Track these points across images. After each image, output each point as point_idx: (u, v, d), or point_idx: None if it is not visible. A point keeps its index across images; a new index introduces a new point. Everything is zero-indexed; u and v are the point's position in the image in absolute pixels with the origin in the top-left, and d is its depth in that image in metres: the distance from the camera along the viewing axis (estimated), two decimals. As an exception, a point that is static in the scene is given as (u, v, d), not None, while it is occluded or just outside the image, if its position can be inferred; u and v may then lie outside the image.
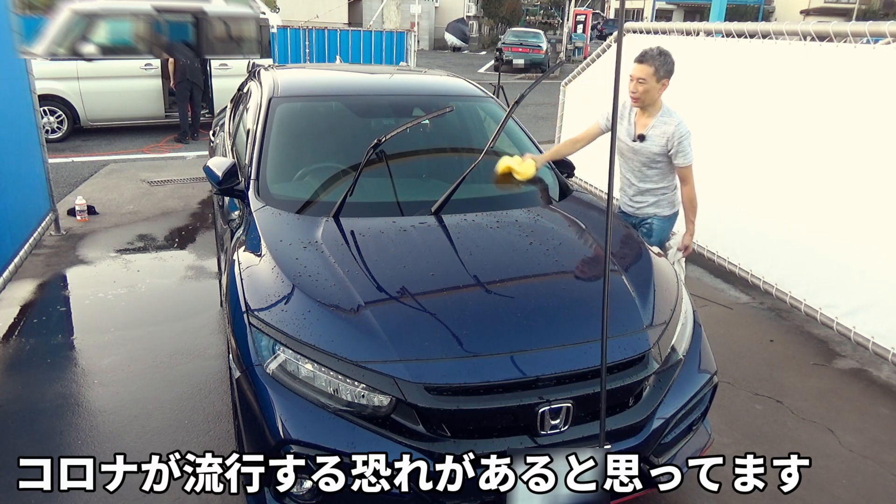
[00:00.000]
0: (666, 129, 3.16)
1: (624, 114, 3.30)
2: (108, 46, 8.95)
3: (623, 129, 3.28)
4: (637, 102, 3.16)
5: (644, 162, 3.26)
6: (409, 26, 18.07)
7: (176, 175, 7.33)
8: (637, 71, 3.10)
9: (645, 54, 3.09)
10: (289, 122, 3.35)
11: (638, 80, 3.10)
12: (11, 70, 4.48)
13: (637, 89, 3.11)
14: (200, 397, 3.21)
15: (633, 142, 3.23)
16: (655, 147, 3.20)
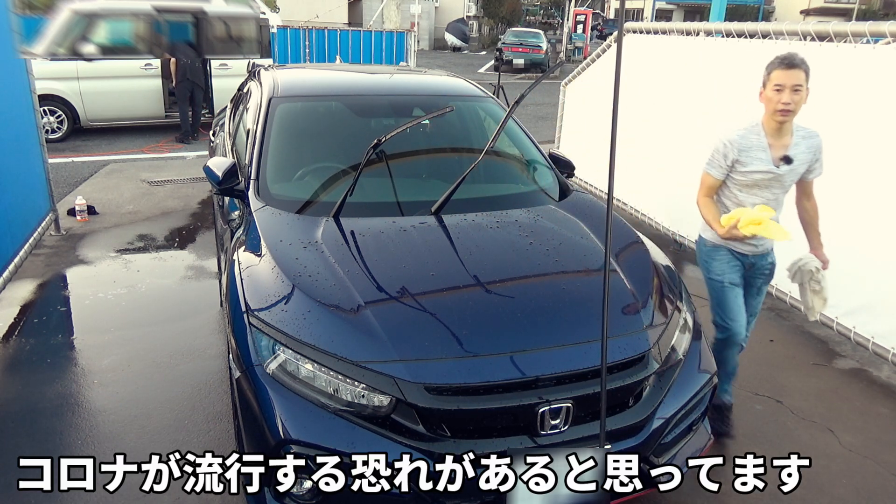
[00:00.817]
0: (813, 141, 2.78)
1: (749, 142, 2.74)
2: (108, 46, 8.95)
3: (754, 158, 2.73)
4: (788, 116, 2.65)
5: (785, 188, 2.83)
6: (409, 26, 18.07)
7: (176, 175, 7.33)
8: (790, 78, 2.61)
9: (794, 58, 2.62)
10: (289, 122, 3.35)
11: (793, 89, 2.61)
12: (11, 70, 4.48)
13: (793, 100, 2.61)
14: (200, 397, 3.21)
15: (779, 167, 2.72)
16: (803, 166, 2.79)
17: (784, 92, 2.60)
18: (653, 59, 5.58)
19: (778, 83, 2.61)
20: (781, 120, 2.65)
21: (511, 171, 3.56)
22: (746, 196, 2.81)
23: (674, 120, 5.30)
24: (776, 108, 2.63)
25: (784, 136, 2.72)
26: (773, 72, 2.62)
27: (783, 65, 2.60)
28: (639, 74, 5.61)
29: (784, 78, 2.60)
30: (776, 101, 2.62)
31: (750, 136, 2.74)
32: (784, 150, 2.72)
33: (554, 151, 3.76)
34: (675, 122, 5.29)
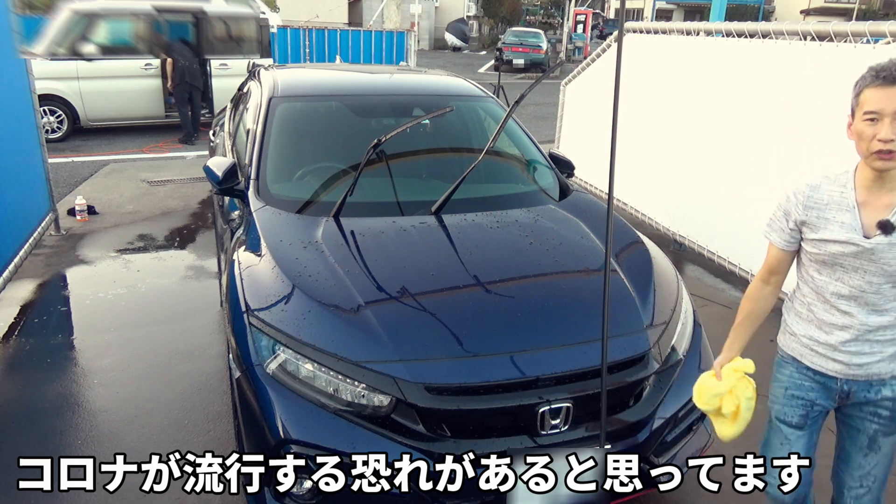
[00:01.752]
0: None
1: (825, 195, 1.84)
2: (108, 46, 8.96)
3: (830, 220, 1.81)
4: (892, 160, 1.66)
5: (889, 273, 1.76)
6: (409, 26, 18.07)
7: (176, 175, 7.33)
8: (892, 99, 1.65)
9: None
10: (289, 121, 3.35)
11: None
12: (11, 70, 4.48)
13: (893, 134, 1.63)
14: (200, 397, 3.21)
15: (869, 238, 1.74)
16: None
17: (883, 122, 1.64)
18: (653, 58, 5.58)
19: (872, 109, 1.66)
20: (881, 167, 1.68)
21: (511, 171, 3.56)
22: (827, 281, 1.86)
23: (674, 120, 5.30)
24: (870, 148, 1.67)
25: (885, 191, 1.74)
26: (864, 91, 1.70)
27: (880, 79, 1.67)
28: (639, 74, 5.61)
29: (882, 100, 1.65)
30: (869, 138, 1.66)
31: (829, 187, 1.83)
32: (886, 212, 1.72)
33: (554, 151, 3.76)
34: (675, 121, 5.29)
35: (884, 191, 1.74)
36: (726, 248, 4.74)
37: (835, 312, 1.84)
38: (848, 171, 1.84)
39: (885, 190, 1.74)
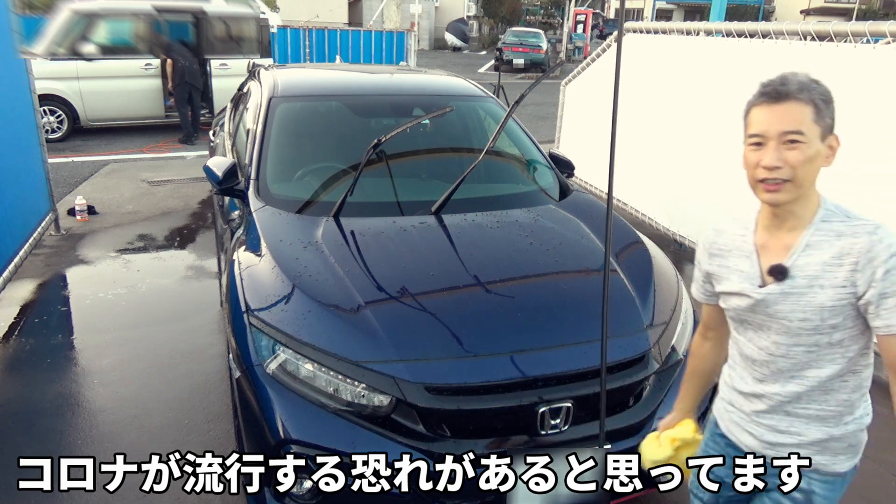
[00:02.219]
0: (847, 243, 1.38)
1: (727, 240, 1.61)
2: (108, 46, 8.96)
3: (731, 269, 1.56)
4: (781, 193, 1.40)
5: (793, 330, 1.45)
6: (409, 26, 18.07)
7: (176, 175, 7.33)
8: (778, 119, 1.37)
9: (788, 82, 1.37)
10: (289, 121, 3.35)
11: (784, 139, 1.36)
12: (11, 70, 4.48)
13: (788, 161, 1.36)
14: (200, 397, 3.20)
15: (763, 287, 1.47)
16: (825, 291, 1.39)
17: (767, 147, 1.37)
18: (653, 58, 5.58)
19: (756, 132, 1.40)
20: (768, 200, 1.43)
21: (511, 171, 3.56)
22: (742, 341, 1.58)
23: (674, 120, 5.30)
24: (755, 176, 1.43)
25: (783, 230, 1.46)
26: (751, 111, 1.42)
27: (764, 97, 1.39)
28: (639, 74, 5.61)
29: (766, 121, 1.38)
30: (754, 165, 1.42)
31: (732, 230, 1.59)
32: (784, 255, 1.44)
33: (554, 151, 3.77)
34: (675, 121, 5.29)
35: (783, 230, 1.46)
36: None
37: (749, 378, 1.57)
38: (754, 210, 1.57)
39: (785, 229, 1.45)
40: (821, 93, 1.38)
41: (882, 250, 1.33)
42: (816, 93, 1.37)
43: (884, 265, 1.32)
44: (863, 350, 1.50)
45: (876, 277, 1.33)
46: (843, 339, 1.44)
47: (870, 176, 3.60)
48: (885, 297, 1.34)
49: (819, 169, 1.42)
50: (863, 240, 1.36)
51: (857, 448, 1.62)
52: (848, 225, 1.40)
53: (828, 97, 1.39)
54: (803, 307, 1.41)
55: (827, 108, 1.38)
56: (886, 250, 1.33)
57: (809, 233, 1.43)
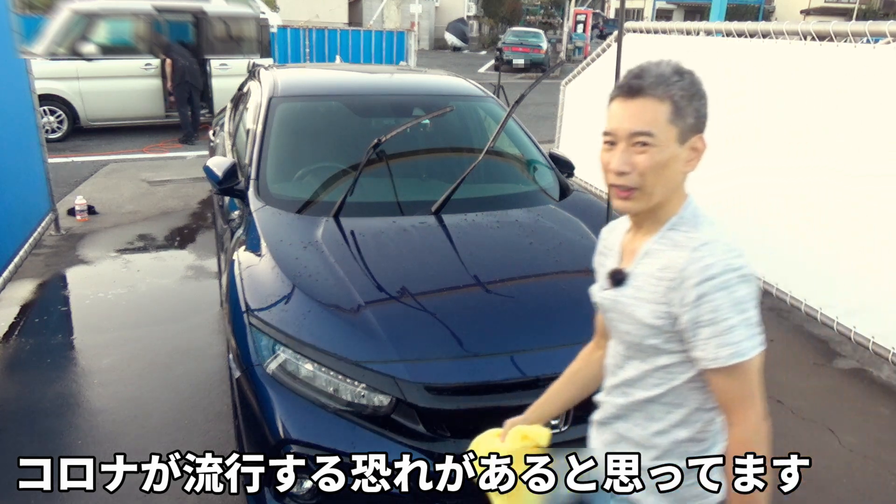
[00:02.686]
0: (674, 256, 1.23)
1: (611, 235, 1.47)
2: (108, 46, 8.96)
3: (603, 270, 1.44)
4: (631, 201, 1.25)
5: (625, 340, 1.35)
6: (409, 26, 18.07)
7: (176, 175, 7.33)
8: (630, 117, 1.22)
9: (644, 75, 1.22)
10: (289, 121, 3.35)
11: (633, 140, 1.21)
12: (11, 70, 4.48)
13: (636, 165, 1.22)
14: (200, 397, 3.20)
15: (606, 290, 1.39)
16: (646, 306, 1.27)
17: (617, 147, 1.23)
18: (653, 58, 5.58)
19: (608, 129, 1.26)
20: (620, 208, 1.28)
21: (511, 171, 3.56)
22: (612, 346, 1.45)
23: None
24: (607, 180, 1.28)
25: (643, 235, 1.33)
26: (610, 104, 1.27)
27: (620, 90, 1.24)
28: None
29: (618, 117, 1.23)
30: (604, 167, 1.27)
31: (622, 227, 1.43)
32: (630, 260, 1.34)
33: (554, 151, 3.76)
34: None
35: (640, 233, 1.33)
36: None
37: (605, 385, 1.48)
38: None
39: (642, 233, 1.32)
40: (683, 87, 1.20)
41: (695, 271, 1.17)
42: (676, 88, 1.20)
43: (695, 289, 1.16)
44: (692, 383, 1.28)
45: (686, 301, 1.18)
46: (669, 366, 1.28)
47: (870, 176, 3.60)
48: (700, 327, 1.18)
49: (679, 175, 1.24)
50: (684, 255, 1.20)
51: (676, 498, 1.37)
52: (686, 236, 1.23)
53: (692, 92, 1.22)
54: (627, 319, 1.30)
55: (689, 106, 1.21)
56: (700, 272, 1.16)
57: (653, 240, 1.28)
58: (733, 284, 1.15)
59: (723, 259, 1.17)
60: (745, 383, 1.19)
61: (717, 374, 1.19)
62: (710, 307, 1.15)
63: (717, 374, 1.19)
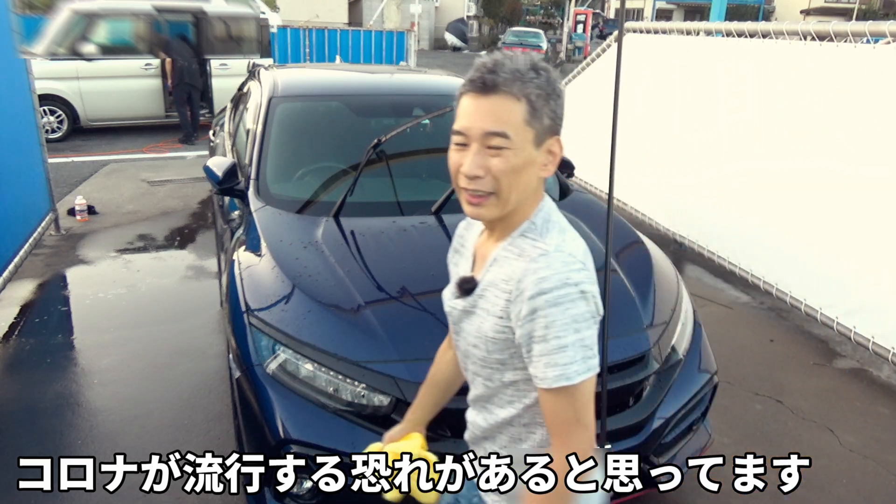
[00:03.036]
0: (515, 267, 1.14)
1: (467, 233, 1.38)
2: (108, 46, 8.96)
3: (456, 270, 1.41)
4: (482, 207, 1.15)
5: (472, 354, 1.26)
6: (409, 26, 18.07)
7: (176, 175, 7.33)
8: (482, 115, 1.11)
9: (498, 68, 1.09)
10: (289, 121, 3.35)
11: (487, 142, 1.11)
12: (11, 70, 4.48)
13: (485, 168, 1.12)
14: (200, 397, 3.20)
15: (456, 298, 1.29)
16: (489, 319, 1.19)
17: (469, 149, 1.15)
18: (653, 58, 5.58)
19: (458, 128, 1.16)
20: (470, 214, 1.18)
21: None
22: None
23: (674, 119, 5.30)
24: (457, 183, 1.19)
25: (495, 239, 1.23)
26: (461, 100, 1.16)
27: (472, 85, 1.12)
28: (639, 74, 5.61)
29: (470, 115, 1.13)
30: (455, 169, 1.18)
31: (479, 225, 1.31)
32: (480, 267, 1.25)
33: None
34: (675, 121, 5.29)
35: (492, 238, 1.22)
36: (726, 249, 4.74)
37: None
38: None
39: (494, 237, 1.22)
40: (539, 85, 1.09)
41: (530, 284, 1.08)
42: (533, 85, 1.09)
43: (528, 303, 1.08)
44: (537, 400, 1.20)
45: (521, 315, 1.10)
46: (517, 382, 1.20)
47: (870, 176, 3.60)
48: (533, 343, 1.10)
49: (534, 180, 1.15)
50: (523, 265, 1.11)
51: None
52: (532, 245, 1.14)
53: (549, 91, 1.10)
54: (474, 332, 1.20)
55: (546, 106, 1.11)
56: (535, 285, 1.08)
57: (502, 246, 1.19)
58: (569, 301, 1.07)
59: (560, 272, 1.08)
60: (570, 407, 1.11)
61: (544, 394, 1.12)
62: (544, 323, 1.08)
63: (545, 394, 1.12)
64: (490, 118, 1.09)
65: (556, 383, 1.09)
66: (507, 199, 1.12)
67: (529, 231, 1.17)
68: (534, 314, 1.08)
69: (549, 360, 1.09)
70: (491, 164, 1.10)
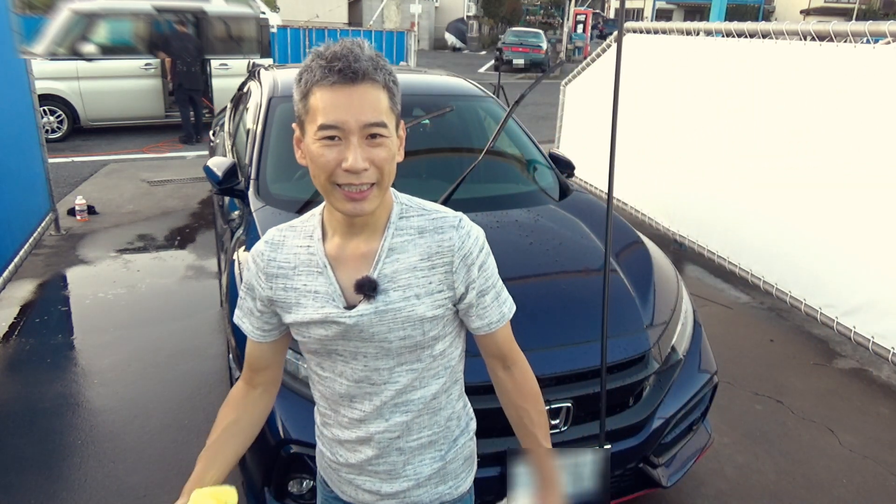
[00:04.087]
0: (434, 241, 1.19)
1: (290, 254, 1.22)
2: (108, 46, 8.96)
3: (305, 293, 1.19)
4: (366, 201, 1.11)
5: (394, 351, 1.19)
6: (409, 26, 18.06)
7: (176, 175, 7.34)
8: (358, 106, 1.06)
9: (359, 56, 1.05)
10: (289, 122, 3.35)
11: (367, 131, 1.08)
12: (11, 70, 4.48)
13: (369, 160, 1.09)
14: (200, 397, 3.20)
15: (352, 308, 1.16)
16: (423, 301, 1.17)
17: (348, 143, 1.07)
18: (653, 58, 5.58)
19: (331, 122, 1.05)
20: (351, 211, 1.11)
21: (511, 171, 3.56)
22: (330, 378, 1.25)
23: (674, 119, 5.30)
24: (333, 180, 1.09)
25: (365, 238, 1.19)
26: (315, 91, 1.06)
27: (338, 75, 1.04)
28: (639, 74, 5.61)
29: (343, 108, 1.05)
30: (331, 167, 1.07)
31: (294, 241, 1.23)
32: (365, 266, 1.18)
33: (554, 151, 3.76)
34: (675, 121, 5.29)
35: (362, 236, 1.18)
36: (726, 248, 4.74)
37: (347, 423, 1.25)
38: (315, 213, 1.24)
39: (364, 235, 1.18)
40: (390, 72, 1.12)
41: (471, 246, 1.19)
42: (387, 72, 1.11)
43: (477, 262, 1.19)
44: (461, 355, 1.31)
45: (472, 276, 1.19)
46: (445, 350, 1.24)
47: (870, 175, 3.60)
48: (484, 295, 1.22)
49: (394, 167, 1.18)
50: (449, 235, 1.18)
51: (472, 459, 1.39)
52: (427, 219, 1.21)
53: (395, 77, 1.15)
54: (402, 324, 1.16)
55: (398, 92, 1.16)
56: (475, 245, 1.20)
57: (390, 234, 1.18)
58: (488, 246, 1.26)
59: (475, 226, 1.25)
60: (510, 330, 1.31)
61: (500, 332, 1.27)
62: (487, 274, 1.22)
63: (501, 331, 1.27)
64: (367, 108, 1.06)
65: (510, 314, 1.28)
66: (385, 189, 1.15)
67: (409, 210, 1.23)
68: (482, 269, 1.21)
69: (499, 300, 1.26)
70: (373, 154, 1.09)
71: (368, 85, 1.06)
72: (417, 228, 1.19)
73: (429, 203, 1.26)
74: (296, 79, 1.10)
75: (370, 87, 1.07)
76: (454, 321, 1.24)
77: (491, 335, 1.26)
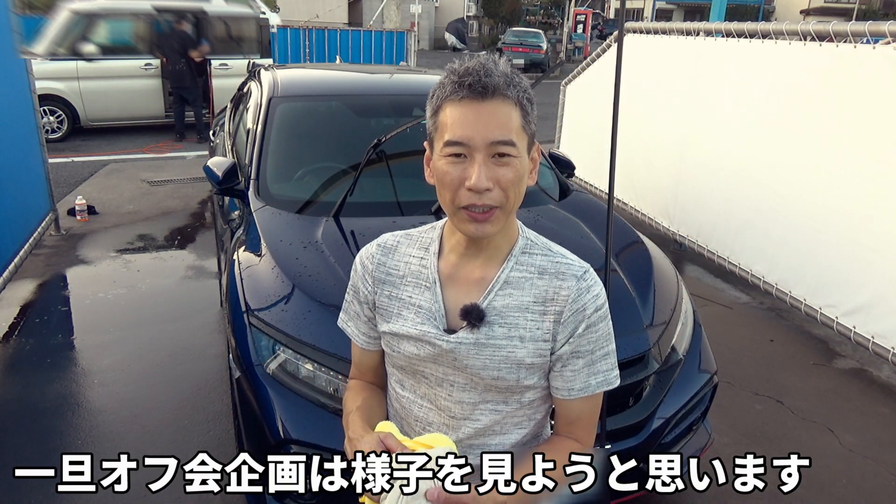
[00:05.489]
0: (551, 286, 1.10)
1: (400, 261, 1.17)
2: (108, 46, 8.96)
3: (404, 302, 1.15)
4: (489, 223, 1.03)
5: (482, 387, 1.12)
6: (409, 26, 18.06)
7: (176, 175, 7.34)
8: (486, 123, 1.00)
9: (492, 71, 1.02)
10: (289, 121, 3.35)
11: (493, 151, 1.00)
12: (11, 70, 4.48)
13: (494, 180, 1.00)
14: (200, 397, 3.20)
15: (453, 334, 1.10)
16: (526, 346, 1.09)
17: (473, 161, 1.01)
18: (653, 58, 5.58)
19: (455, 139, 1.01)
20: (473, 233, 1.05)
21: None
22: (411, 399, 1.19)
23: (674, 120, 5.30)
24: (457, 201, 1.03)
25: (482, 262, 1.12)
26: (446, 107, 1.05)
27: (469, 90, 1.02)
28: (639, 74, 5.61)
29: (469, 124, 1.01)
30: (456, 185, 1.02)
31: (407, 250, 1.18)
32: (477, 292, 1.11)
33: (554, 151, 3.77)
34: (675, 121, 5.29)
35: (479, 260, 1.11)
36: (726, 248, 4.74)
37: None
38: (437, 226, 1.18)
39: (481, 259, 1.11)
40: (525, 89, 1.04)
41: (589, 302, 1.09)
42: (521, 90, 1.03)
43: (587, 321, 1.09)
44: (548, 411, 1.21)
45: (576, 333, 1.09)
46: (535, 400, 1.15)
47: (870, 175, 3.60)
48: (577, 357, 1.11)
49: (524, 190, 1.07)
50: (569, 284, 1.09)
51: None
52: (551, 260, 1.11)
53: (530, 95, 1.05)
54: (498, 364, 1.08)
55: (532, 111, 1.06)
56: (592, 303, 1.09)
57: (509, 266, 1.11)
58: (608, 311, 1.14)
59: (601, 285, 1.12)
60: (595, 411, 1.16)
61: (579, 402, 1.13)
62: (595, 337, 1.11)
63: (581, 402, 1.13)
64: (495, 125, 1.00)
65: (598, 389, 1.13)
66: (509, 212, 1.05)
67: (533, 247, 1.14)
68: (588, 330, 1.10)
69: (592, 370, 1.12)
70: (499, 174, 1.01)
71: (499, 101, 1.01)
72: (538, 268, 1.11)
73: (556, 245, 1.16)
74: (429, 96, 1.08)
75: (501, 104, 1.01)
76: (546, 377, 1.15)
77: (567, 402, 1.12)
